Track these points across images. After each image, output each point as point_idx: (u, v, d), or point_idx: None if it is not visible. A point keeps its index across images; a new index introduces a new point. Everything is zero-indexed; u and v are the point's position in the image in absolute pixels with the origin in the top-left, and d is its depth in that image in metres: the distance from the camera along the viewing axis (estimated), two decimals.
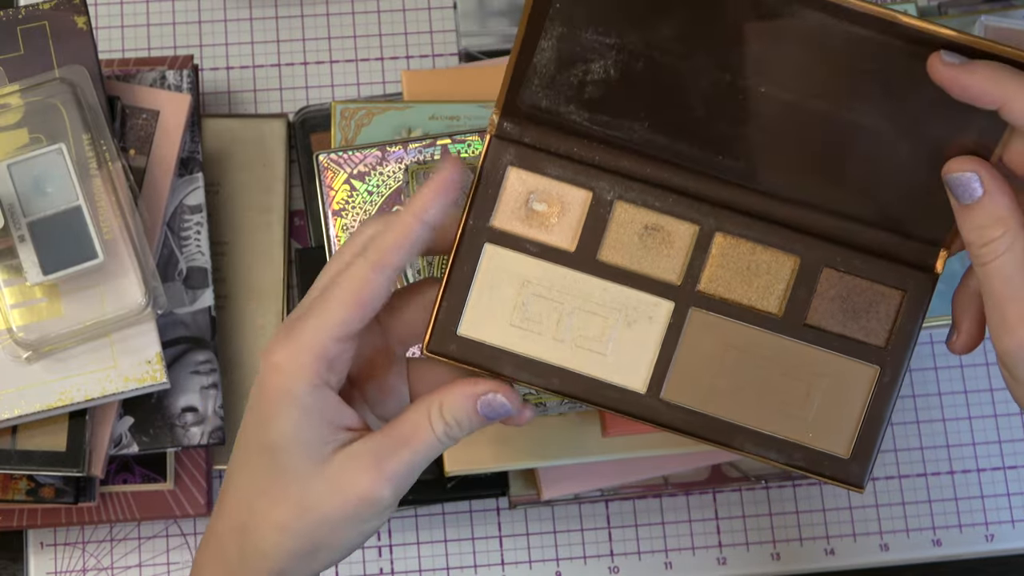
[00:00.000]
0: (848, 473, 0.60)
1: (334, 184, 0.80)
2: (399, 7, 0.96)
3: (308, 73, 0.95)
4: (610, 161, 0.60)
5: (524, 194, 0.61)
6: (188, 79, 0.85)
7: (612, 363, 0.60)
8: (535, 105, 0.60)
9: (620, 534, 0.88)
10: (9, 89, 0.79)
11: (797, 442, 0.60)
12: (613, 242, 0.61)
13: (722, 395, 0.60)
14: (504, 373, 0.60)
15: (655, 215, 0.61)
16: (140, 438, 0.81)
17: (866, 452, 0.60)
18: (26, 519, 0.82)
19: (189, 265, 0.83)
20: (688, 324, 0.60)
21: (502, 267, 0.60)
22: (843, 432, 0.60)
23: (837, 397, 0.60)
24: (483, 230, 0.60)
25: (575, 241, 0.61)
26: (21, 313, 0.76)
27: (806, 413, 0.60)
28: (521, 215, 0.61)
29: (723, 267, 0.61)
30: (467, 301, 0.60)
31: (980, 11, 0.94)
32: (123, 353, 0.77)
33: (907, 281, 0.61)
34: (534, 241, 0.60)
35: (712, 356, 0.60)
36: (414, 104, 0.84)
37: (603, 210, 0.60)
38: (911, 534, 0.88)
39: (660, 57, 0.57)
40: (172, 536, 0.86)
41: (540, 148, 0.60)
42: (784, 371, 0.60)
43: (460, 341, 0.60)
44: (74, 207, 0.77)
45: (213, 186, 0.89)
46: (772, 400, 0.60)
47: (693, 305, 0.61)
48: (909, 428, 0.90)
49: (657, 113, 0.59)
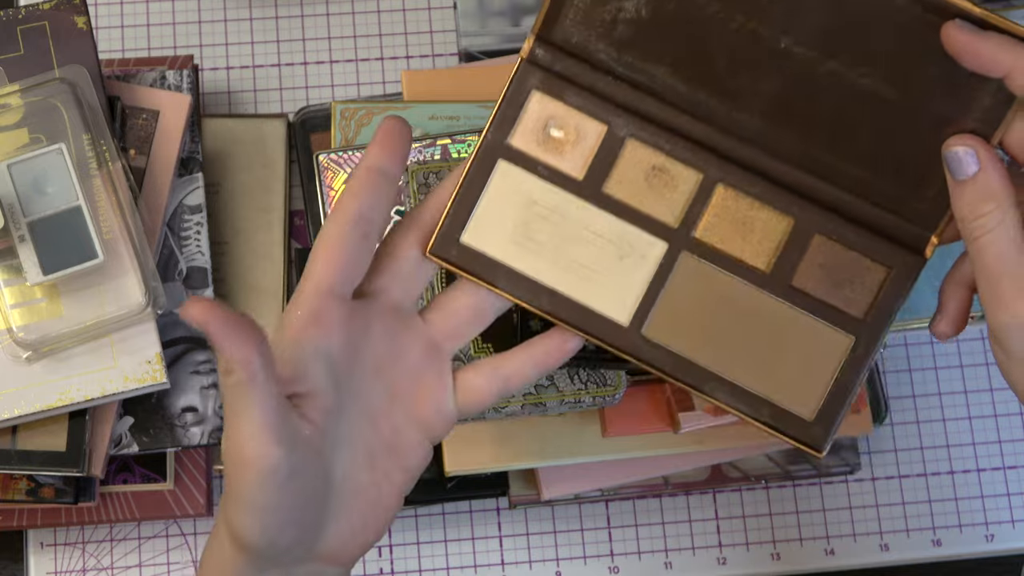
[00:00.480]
0: (809, 435, 0.62)
1: (334, 184, 0.80)
2: (399, 7, 0.96)
3: (308, 73, 0.95)
4: (629, 100, 0.62)
5: (543, 118, 0.63)
6: (188, 79, 0.85)
7: (600, 292, 0.62)
8: (567, 37, 0.62)
9: (620, 534, 0.88)
10: (9, 89, 0.79)
11: (766, 398, 0.62)
12: (619, 177, 0.63)
13: (701, 341, 0.62)
14: (497, 285, 0.62)
15: (663, 157, 0.63)
16: (140, 438, 0.81)
17: (830, 417, 0.61)
18: (26, 519, 0.82)
19: (189, 265, 0.83)
20: (678, 266, 0.62)
21: (512, 184, 0.62)
22: (811, 395, 0.62)
23: (810, 361, 0.62)
24: (500, 146, 0.63)
25: (584, 170, 0.63)
26: (21, 313, 0.76)
27: (779, 372, 0.62)
28: (538, 138, 0.63)
29: (720, 217, 0.62)
30: (474, 211, 0.62)
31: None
32: (123, 353, 0.77)
33: (895, 259, 0.62)
34: (546, 164, 0.63)
35: (696, 301, 0.62)
36: (414, 104, 0.84)
37: (615, 145, 0.63)
38: (911, 534, 0.88)
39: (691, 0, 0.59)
40: (172, 536, 0.86)
41: (565, 77, 0.63)
42: (763, 327, 0.62)
43: (461, 248, 0.62)
44: (74, 207, 0.77)
45: (213, 186, 0.89)
46: (748, 354, 0.62)
47: (685, 249, 0.62)
48: (909, 428, 0.90)
49: (680, 60, 0.61)
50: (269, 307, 0.88)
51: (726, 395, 0.62)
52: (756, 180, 0.62)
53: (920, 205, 0.61)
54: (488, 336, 0.72)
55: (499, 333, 0.69)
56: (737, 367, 0.62)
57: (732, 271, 0.62)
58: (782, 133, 0.61)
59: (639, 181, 0.62)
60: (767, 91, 0.61)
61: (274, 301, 0.88)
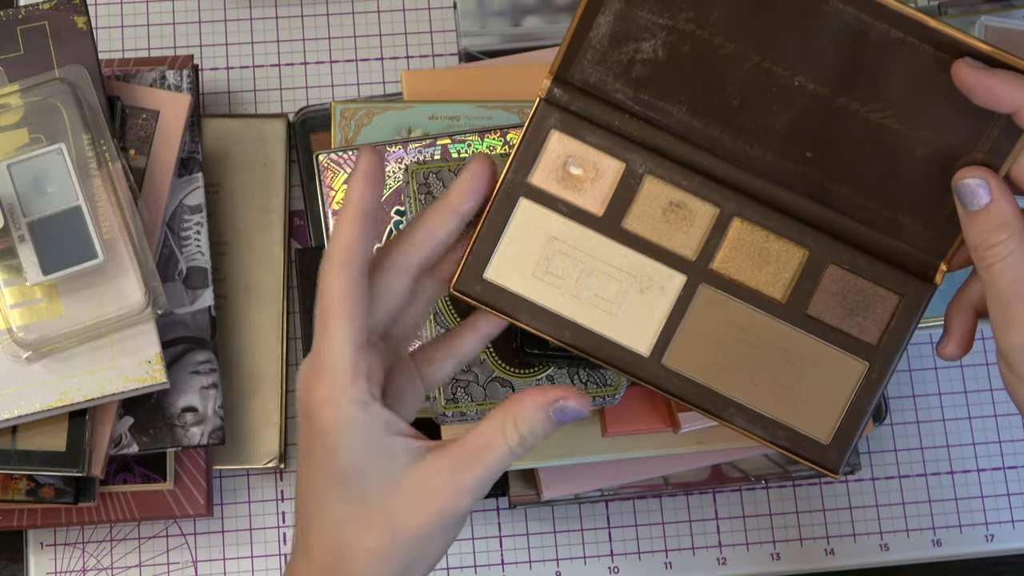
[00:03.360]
0: (825, 458, 0.64)
1: (334, 184, 0.80)
2: (399, 7, 0.96)
3: (308, 73, 0.95)
4: (646, 137, 0.64)
5: (563, 157, 0.64)
6: (188, 79, 0.85)
7: (621, 324, 0.64)
8: (585, 77, 0.63)
9: (620, 534, 0.88)
10: (9, 89, 0.79)
11: (783, 422, 0.64)
12: (638, 212, 0.64)
13: (719, 369, 0.64)
14: (521, 319, 0.63)
15: (680, 193, 0.64)
16: (140, 438, 0.81)
17: (845, 441, 0.64)
18: (26, 519, 0.82)
19: (189, 265, 0.83)
20: (696, 298, 0.64)
21: (533, 221, 0.64)
22: (827, 420, 0.64)
23: (826, 387, 0.64)
24: (521, 184, 0.64)
25: (604, 207, 0.64)
26: (21, 313, 0.76)
27: (795, 397, 0.64)
28: (557, 176, 0.64)
29: (737, 250, 0.64)
30: (496, 248, 0.64)
31: (980, 11, 0.94)
32: (123, 353, 0.77)
33: (906, 287, 0.64)
34: (566, 202, 0.64)
35: (715, 331, 0.64)
36: (414, 104, 0.84)
37: (633, 181, 0.64)
38: (911, 534, 0.88)
39: (706, 41, 0.61)
40: (172, 536, 0.86)
41: (583, 116, 0.64)
42: (780, 355, 0.64)
43: (485, 284, 0.63)
44: (74, 207, 0.77)
45: (213, 186, 0.89)
46: (765, 380, 0.64)
47: (704, 281, 0.64)
48: (909, 428, 0.90)
49: (696, 98, 0.63)
50: (269, 307, 0.88)
51: (744, 421, 0.63)
52: (771, 213, 0.64)
53: (929, 233, 0.63)
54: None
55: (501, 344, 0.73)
56: (755, 394, 0.63)
57: (749, 301, 0.64)
58: (795, 167, 0.63)
59: (657, 216, 0.64)
60: (780, 127, 0.62)
61: (274, 301, 0.88)
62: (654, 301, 0.64)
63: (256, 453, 0.86)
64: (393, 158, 0.81)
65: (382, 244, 0.76)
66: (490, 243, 0.64)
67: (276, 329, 0.88)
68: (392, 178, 0.80)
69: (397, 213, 0.80)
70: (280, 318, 0.88)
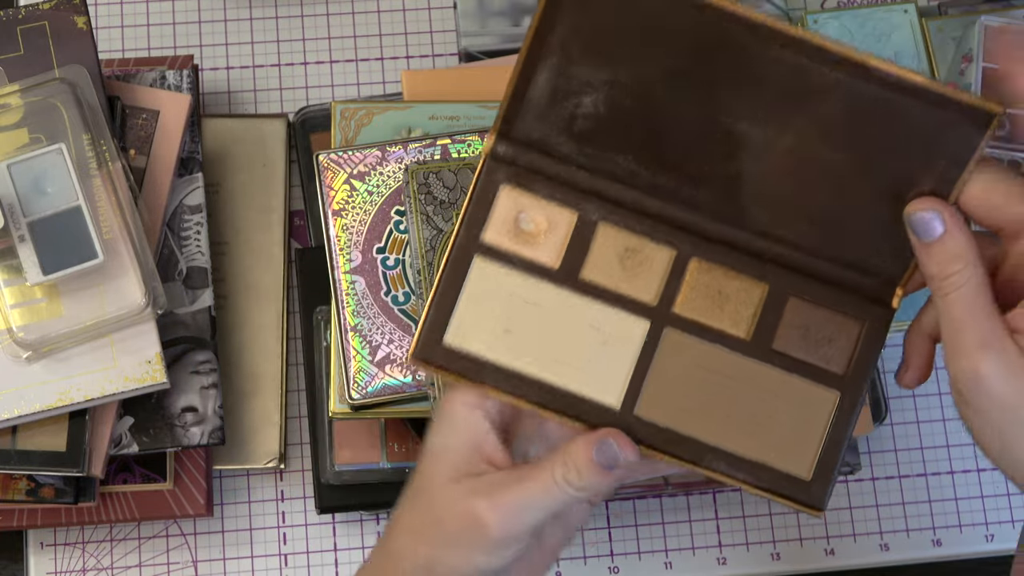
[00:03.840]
0: (809, 495, 0.62)
1: (334, 184, 0.80)
2: (399, 7, 0.96)
3: (308, 73, 0.95)
4: (596, 186, 0.63)
5: (514, 212, 0.63)
6: (188, 79, 0.85)
7: (589, 378, 0.62)
8: (528, 133, 0.62)
9: (620, 534, 0.88)
10: (9, 89, 0.79)
11: (763, 462, 0.62)
12: (595, 261, 0.63)
13: (692, 414, 0.62)
14: (487, 383, 0.62)
15: (635, 238, 0.63)
16: (140, 438, 0.81)
17: (826, 473, 0.62)
18: (26, 519, 0.82)
19: (189, 265, 0.83)
20: (662, 343, 0.63)
21: (489, 280, 0.63)
22: (806, 454, 0.63)
23: (800, 420, 0.63)
24: (473, 243, 0.63)
25: (559, 259, 0.63)
26: (21, 313, 0.76)
27: (771, 434, 0.62)
28: (510, 231, 0.63)
29: (697, 291, 0.63)
30: (454, 311, 0.62)
31: (980, 11, 0.94)
32: (123, 353, 0.77)
33: (866, 315, 0.63)
34: (521, 257, 0.63)
35: (684, 375, 0.63)
36: (414, 104, 0.84)
37: (587, 231, 0.63)
38: (911, 534, 0.88)
39: (647, 93, 0.60)
40: (172, 536, 0.87)
41: (531, 170, 0.63)
42: (751, 393, 0.63)
43: (446, 350, 0.62)
44: (74, 207, 0.77)
45: (213, 186, 0.89)
46: (740, 420, 0.62)
47: (667, 325, 0.63)
48: (909, 428, 0.90)
49: (641, 149, 0.62)
50: (269, 307, 0.88)
51: (725, 466, 0.62)
52: (727, 251, 0.63)
53: (883, 261, 0.63)
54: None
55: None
56: (731, 435, 0.62)
57: (715, 341, 0.63)
58: (747, 207, 0.63)
59: (614, 264, 0.63)
60: (728, 170, 0.62)
61: (274, 301, 0.88)
62: (620, 350, 0.62)
63: (256, 453, 0.86)
64: (393, 158, 0.81)
65: (381, 244, 0.76)
66: (447, 307, 0.62)
67: (276, 329, 0.88)
68: (392, 178, 0.80)
69: (397, 213, 0.80)
70: (280, 318, 0.88)
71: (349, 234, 0.79)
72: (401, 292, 0.79)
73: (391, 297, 0.79)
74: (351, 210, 0.80)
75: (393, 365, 0.77)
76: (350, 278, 0.79)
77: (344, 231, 0.79)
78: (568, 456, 0.59)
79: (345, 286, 0.79)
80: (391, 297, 0.79)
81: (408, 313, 0.78)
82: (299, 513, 0.87)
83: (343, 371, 0.78)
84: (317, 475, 0.84)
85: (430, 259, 0.77)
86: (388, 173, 0.80)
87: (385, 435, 0.84)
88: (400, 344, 0.78)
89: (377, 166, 0.80)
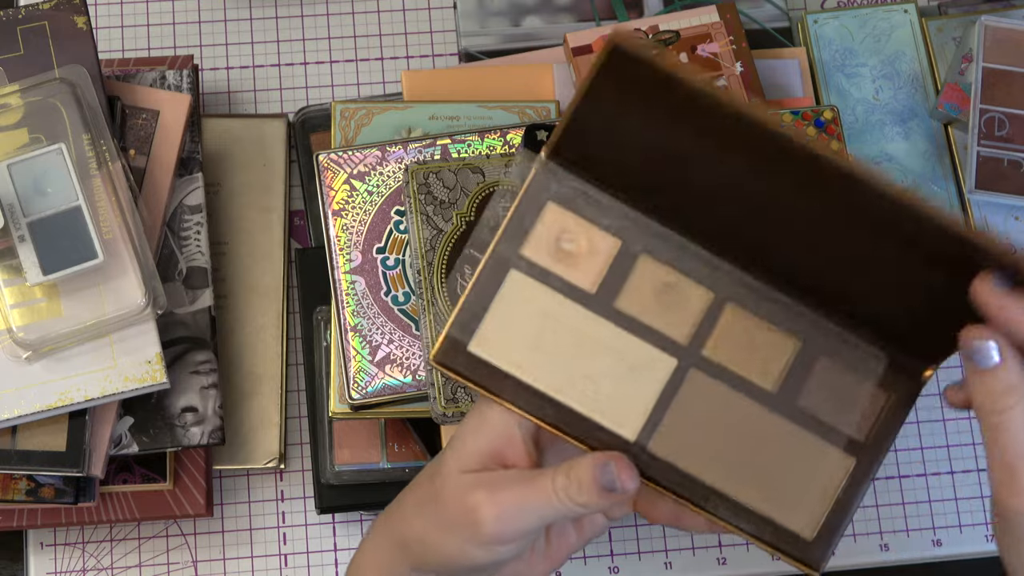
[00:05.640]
0: (808, 555, 0.62)
1: (334, 184, 0.80)
2: (399, 7, 0.96)
3: (308, 73, 0.95)
4: (642, 220, 0.62)
5: (557, 230, 0.63)
6: (188, 79, 0.85)
7: (607, 407, 0.62)
8: (582, 155, 0.62)
9: (620, 534, 0.88)
10: (9, 89, 0.79)
11: (768, 516, 0.62)
12: (631, 292, 0.62)
13: (706, 457, 0.62)
14: (503, 396, 0.61)
15: (675, 274, 0.63)
16: (140, 438, 0.81)
17: (828, 537, 0.62)
18: (26, 519, 0.82)
19: (189, 265, 0.83)
20: (687, 383, 0.62)
21: (523, 294, 0.62)
22: (812, 515, 0.62)
23: (812, 480, 0.62)
24: (512, 256, 0.62)
25: (597, 284, 0.62)
26: (21, 313, 0.76)
27: (781, 489, 0.62)
28: (550, 249, 0.62)
29: (728, 336, 0.63)
30: (483, 319, 0.62)
31: (980, 11, 0.94)
32: (123, 353, 0.77)
33: (894, 386, 0.63)
34: (558, 276, 0.62)
35: (703, 418, 0.62)
36: (414, 104, 0.84)
37: (627, 260, 0.62)
38: (911, 534, 0.88)
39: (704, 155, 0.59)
40: (172, 536, 0.87)
41: (580, 192, 0.62)
42: (768, 446, 0.62)
43: (469, 358, 0.61)
44: (74, 207, 0.77)
45: (213, 186, 0.89)
46: (752, 471, 0.62)
47: (694, 367, 0.62)
48: (909, 428, 0.90)
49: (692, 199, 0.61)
50: (269, 307, 0.88)
51: (728, 513, 0.61)
52: (764, 302, 0.63)
53: (918, 337, 0.62)
54: None
55: None
56: (740, 484, 0.62)
57: (739, 389, 0.62)
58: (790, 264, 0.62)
59: (650, 297, 0.62)
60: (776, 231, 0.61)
61: (274, 301, 0.88)
62: (643, 384, 0.62)
63: (256, 453, 0.86)
64: (393, 158, 0.81)
65: (381, 244, 0.76)
66: (476, 315, 0.61)
67: (276, 329, 0.88)
68: (392, 178, 0.80)
69: (397, 213, 0.80)
70: (280, 318, 0.88)
71: (349, 234, 0.79)
72: (401, 292, 0.79)
73: (391, 297, 0.79)
74: (351, 210, 0.80)
75: (393, 365, 0.77)
76: (350, 278, 0.79)
77: (344, 231, 0.79)
78: (572, 470, 0.59)
79: (345, 286, 0.79)
80: (391, 297, 0.79)
81: (408, 313, 0.78)
82: (299, 513, 0.87)
83: (343, 371, 0.78)
84: (317, 475, 0.84)
85: (430, 259, 0.77)
86: (388, 173, 0.80)
87: (385, 435, 0.84)
88: (400, 344, 0.78)
89: (377, 166, 0.80)
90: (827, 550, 0.62)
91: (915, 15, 0.94)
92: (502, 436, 0.61)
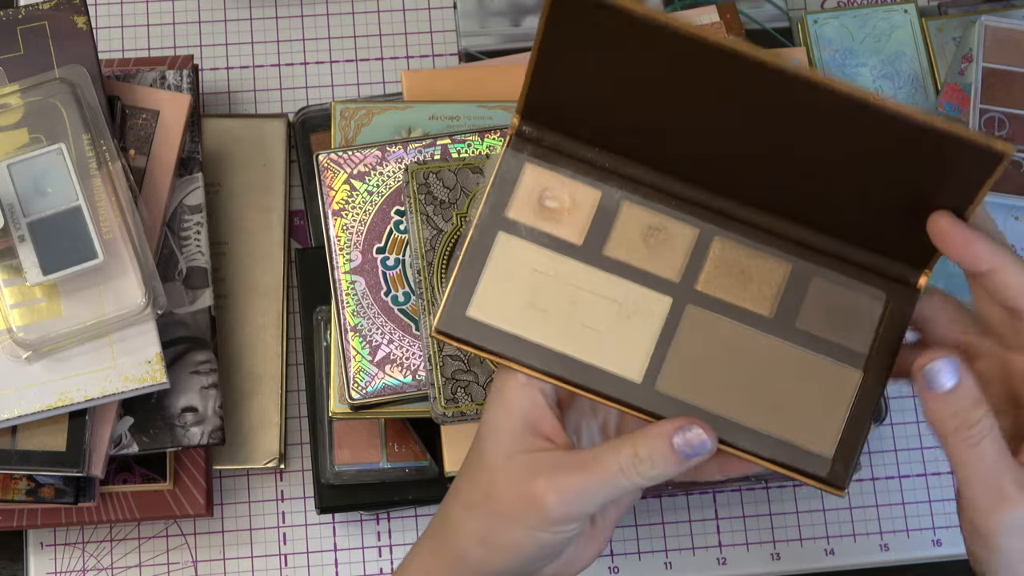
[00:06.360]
0: (831, 473, 0.62)
1: (334, 184, 0.80)
2: (399, 7, 0.96)
3: (308, 73, 0.95)
4: (619, 166, 0.64)
5: (538, 189, 0.64)
6: (188, 79, 0.85)
7: (611, 353, 0.63)
8: (551, 113, 0.63)
9: (620, 534, 0.88)
10: (9, 89, 0.79)
11: (784, 439, 0.62)
12: (618, 239, 0.64)
13: (714, 390, 0.62)
14: (508, 356, 0.62)
15: (658, 216, 0.64)
16: (140, 438, 0.81)
17: (849, 452, 0.62)
18: (26, 519, 0.82)
19: (189, 265, 0.83)
20: (684, 319, 0.63)
21: (513, 255, 0.63)
22: (828, 432, 0.62)
23: (823, 399, 0.63)
24: (498, 219, 0.63)
25: (583, 236, 0.64)
26: (21, 313, 0.76)
27: (793, 412, 0.62)
28: (534, 208, 0.64)
29: (719, 269, 0.64)
30: (478, 285, 0.63)
31: (980, 11, 0.94)
32: (123, 353, 0.77)
33: (891, 295, 0.63)
34: (545, 233, 0.64)
35: (705, 352, 0.63)
36: (414, 104, 0.84)
37: (610, 209, 0.64)
38: (911, 534, 0.88)
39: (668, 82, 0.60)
40: (172, 536, 0.87)
41: (555, 149, 0.64)
42: (774, 371, 0.63)
43: (469, 323, 0.63)
44: (74, 207, 0.77)
45: (213, 186, 0.89)
46: (762, 398, 0.62)
47: (690, 302, 0.63)
48: (909, 428, 0.90)
49: (665, 134, 0.62)
50: (269, 307, 0.88)
51: (746, 442, 0.62)
52: (750, 231, 0.64)
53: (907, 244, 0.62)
54: None
55: None
56: (752, 412, 0.62)
57: (737, 319, 0.63)
58: (771, 191, 0.63)
59: (637, 241, 0.64)
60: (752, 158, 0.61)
61: (274, 301, 0.88)
62: (642, 326, 0.63)
63: (256, 453, 0.86)
64: (393, 158, 0.81)
65: (381, 244, 0.76)
66: (470, 280, 0.63)
67: (276, 329, 0.88)
68: (392, 178, 0.80)
69: (397, 213, 0.80)
70: (280, 318, 0.88)
71: (349, 234, 0.79)
72: (401, 292, 0.79)
73: (391, 297, 0.79)
74: (351, 210, 0.80)
75: (393, 365, 0.77)
76: (350, 278, 0.79)
77: (344, 231, 0.79)
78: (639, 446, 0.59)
79: (345, 286, 0.79)
80: (391, 297, 0.79)
81: (408, 313, 0.78)
82: (299, 513, 0.87)
83: (343, 371, 0.78)
84: (317, 475, 0.84)
85: (430, 259, 0.77)
86: (388, 173, 0.80)
87: (385, 435, 0.84)
88: (400, 344, 0.78)
89: (377, 166, 0.80)
90: (848, 467, 0.62)
91: (915, 15, 0.94)
92: (529, 407, 0.61)
